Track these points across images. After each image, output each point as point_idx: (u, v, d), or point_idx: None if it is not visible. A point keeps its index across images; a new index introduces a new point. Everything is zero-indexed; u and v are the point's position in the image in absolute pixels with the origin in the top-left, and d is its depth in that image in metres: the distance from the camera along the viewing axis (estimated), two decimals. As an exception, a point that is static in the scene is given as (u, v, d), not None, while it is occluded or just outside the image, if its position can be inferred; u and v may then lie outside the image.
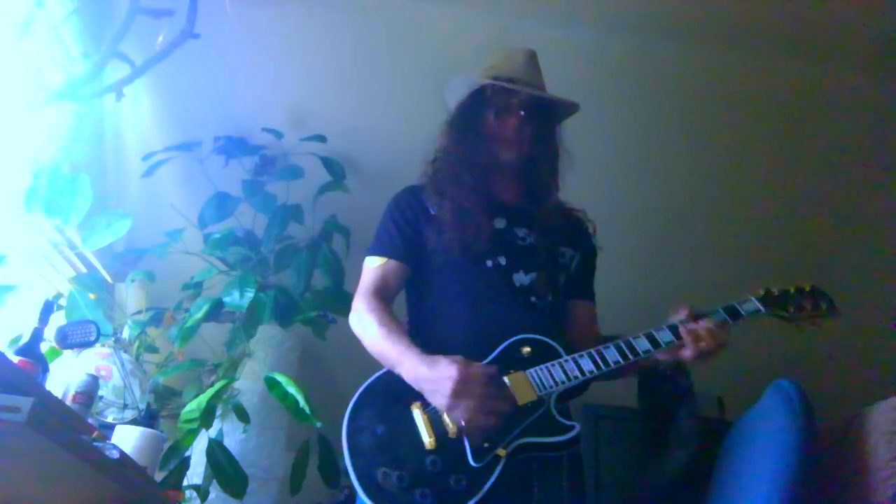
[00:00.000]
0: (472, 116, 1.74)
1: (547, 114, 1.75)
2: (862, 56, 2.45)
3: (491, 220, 1.68)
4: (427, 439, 1.41)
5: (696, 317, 1.56)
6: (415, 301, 1.73)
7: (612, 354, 1.53)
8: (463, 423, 1.40)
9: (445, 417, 1.42)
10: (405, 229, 1.71)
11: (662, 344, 1.54)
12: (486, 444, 1.40)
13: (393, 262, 1.68)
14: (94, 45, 2.15)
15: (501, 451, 1.40)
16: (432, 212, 1.72)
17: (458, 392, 1.39)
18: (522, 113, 1.70)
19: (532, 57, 1.80)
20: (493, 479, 1.38)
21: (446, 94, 1.83)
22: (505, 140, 1.71)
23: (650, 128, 2.68)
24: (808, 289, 1.67)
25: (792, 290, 1.66)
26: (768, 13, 2.36)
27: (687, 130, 2.70)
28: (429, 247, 1.69)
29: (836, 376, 2.84)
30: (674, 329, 1.56)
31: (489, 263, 1.64)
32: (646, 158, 2.75)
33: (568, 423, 1.46)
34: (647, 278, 2.90)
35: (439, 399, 1.42)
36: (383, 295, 1.64)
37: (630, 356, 1.53)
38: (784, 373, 1.75)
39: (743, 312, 1.62)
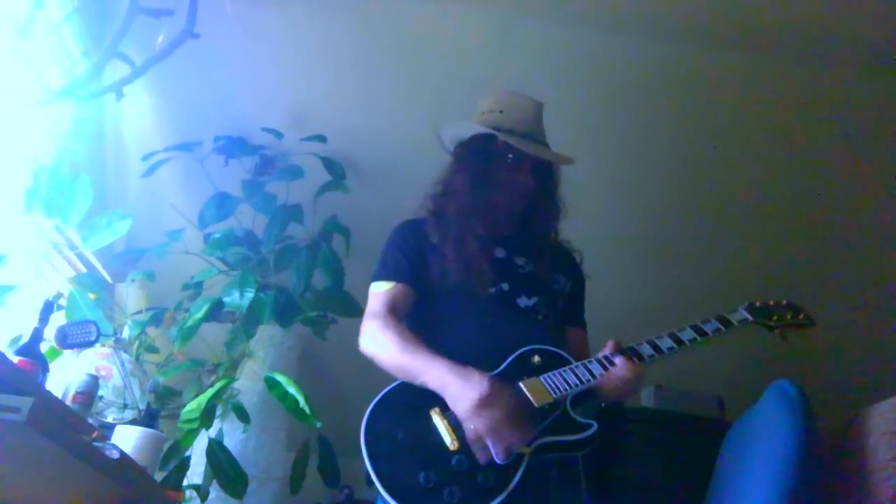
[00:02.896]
0: (481, 164, 1.77)
1: (550, 169, 1.83)
2: (862, 56, 2.45)
3: (491, 251, 1.74)
4: (450, 441, 1.44)
5: (623, 350, 1.61)
6: (417, 327, 1.74)
7: (619, 361, 1.57)
8: (482, 432, 1.42)
9: (467, 424, 1.45)
10: (411, 255, 1.75)
11: (665, 350, 1.60)
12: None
13: (401, 286, 1.70)
14: (94, 45, 2.15)
15: (525, 449, 1.43)
16: (434, 241, 1.76)
17: (485, 403, 1.42)
18: (532, 170, 1.76)
19: (539, 110, 1.83)
20: (518, 476, 1.41)
21: (446, 131, 1.86)
22: (513, 193, 1.77)
23: (649, 128, 2.68)
24: (784, 302, 1.79)
25: (772, 303, 1.78)
26: (768, 14, 2.36)
27: (686, 131, 2.70)
28: (433, 274, 1.72)
29: (836, 376, 2.84)
30: (673, 336, 1.63)
31: (492, 290, 1.69)
32: (645, 159, 2.75)
33: (586, 421, 1.51)
34: (648, 279, 2.90)
35: (464, 406, 1.43)
36: (396, 315, 1.66)
37: (636, 362, 1.57)
38: (784, 373, 1.76)
39: (733, 321, 1.71)
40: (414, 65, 2.55)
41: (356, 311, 2.47)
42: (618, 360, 1.55)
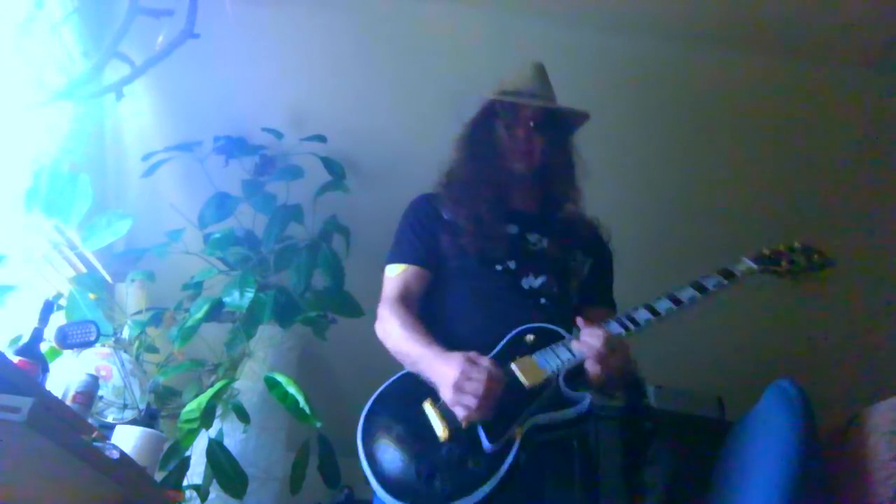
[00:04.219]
0: (482, 131, 1.78)
1: (557, 124, 1.78)
2: (862, 56, 2.45)
3: (503, 227, 1.72)
4: (441, 431, 1.43)
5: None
6: (427, 304, 1.75)
7: (614, 328, 1.53)
8: (464, 414, 1.41)
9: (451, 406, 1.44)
10: (423, 235, 1.75)
11: (662, 311, 1.55)
12: (499, 428, 1.41)
13: (413, 268, 1.71)
14: (94, 45, 2.15)
15: (517, 432, 1.41)
16: (446, 217, 1.75)
17: (459, 385, 1.41)
18: (532, 124, 1.73)
19: (540, 69, 1.82)
20: (510, 460, 1.39)
21: (461, 113, 1.85)
22: (515, 152, 1.74)
23: (650, 127, 2.68)
24: (798, 245, 1.67)
25: (782, 248, 1.67)
26: (769, 13, 2.36)
27: (687, 131, 2.70)
28: (442, 251, 1.72)
29: (836, 376, 2.84)
30: (672, 297, 1.58)
31: (499, 268, 1.68)
32: (646, 158, 2.75)
33: (578, 394, 1.47)
34: (647, 279, 2.89)
35: (444, 391, 1.44)
36: (406, 300, 1.67)
37: (631, 327, 1.54)
38: (784, 373, 1.75)
39: (737, 273, 1.63)
40: (414, 65, 2.55)
41: (356, 311, 2.48)
42: (585, 331, 1.49)
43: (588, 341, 1.48)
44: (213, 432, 2.19)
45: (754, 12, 2.35)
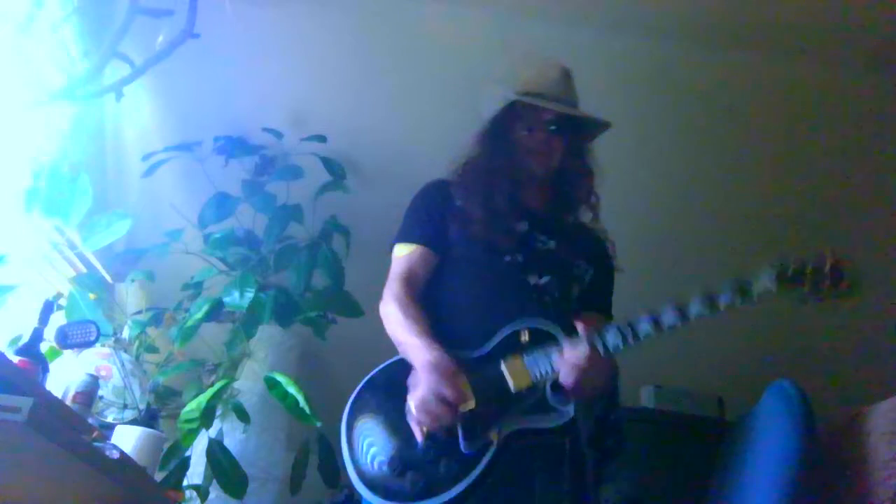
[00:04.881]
0: (503, 129, 1.76)
1: (578, 130, 1.78)
2: (862, 56, 2.46)
3: (515, 221, 1.71)
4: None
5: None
6: (430, 289, 1.73)
7: (612, 337, 1.46)
8: (420, 416, 1.41)
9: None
10: (434, 218, 1.73)
11: (665, 326, 1.46)
12: (478, 430, 1.41)
13: (421, 249, 1.70)
14: (94, 45, 2.15)
15: (493, 436, 1.40)
16: (458, 204, 1.74)
17: (426, 399, 1.41)
18: (553, 128, 1.72)
19: (565, 73, 1.81)
20: (483, 464, 1.38)
21: (481, 102, 1.82)
22: (534, 153, 1.73)
23: (650, 127, 2.68)
24: (827, 269, 1.50)
25: (809, 270, 1.51)
26: (769, 13, 2.36)
27: (688, 130, 2.70)
28: (451, 237, 1.71)
29: (836, 376, 2.84)
30: (679, 310, 1.47)
31: (507, 259, 1.67)
32: (646, 158, 2.75)
33: (562, 408, 1.44)
34: (646, 279, 2.89)
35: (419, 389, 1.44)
36: (410, 283, 1.66)
37: (630, 339, 1.46)
38: (784, 373, 1.75)
39: (753, 293, 1.48)
40: (414, 65, 2.55)
41: (356, 311, 2.48)
42: (567, 346, 1.45)
43: (570, 358, 1.44)
44: (213, 432, 2.19)
45: (754, 12, 2.35)
